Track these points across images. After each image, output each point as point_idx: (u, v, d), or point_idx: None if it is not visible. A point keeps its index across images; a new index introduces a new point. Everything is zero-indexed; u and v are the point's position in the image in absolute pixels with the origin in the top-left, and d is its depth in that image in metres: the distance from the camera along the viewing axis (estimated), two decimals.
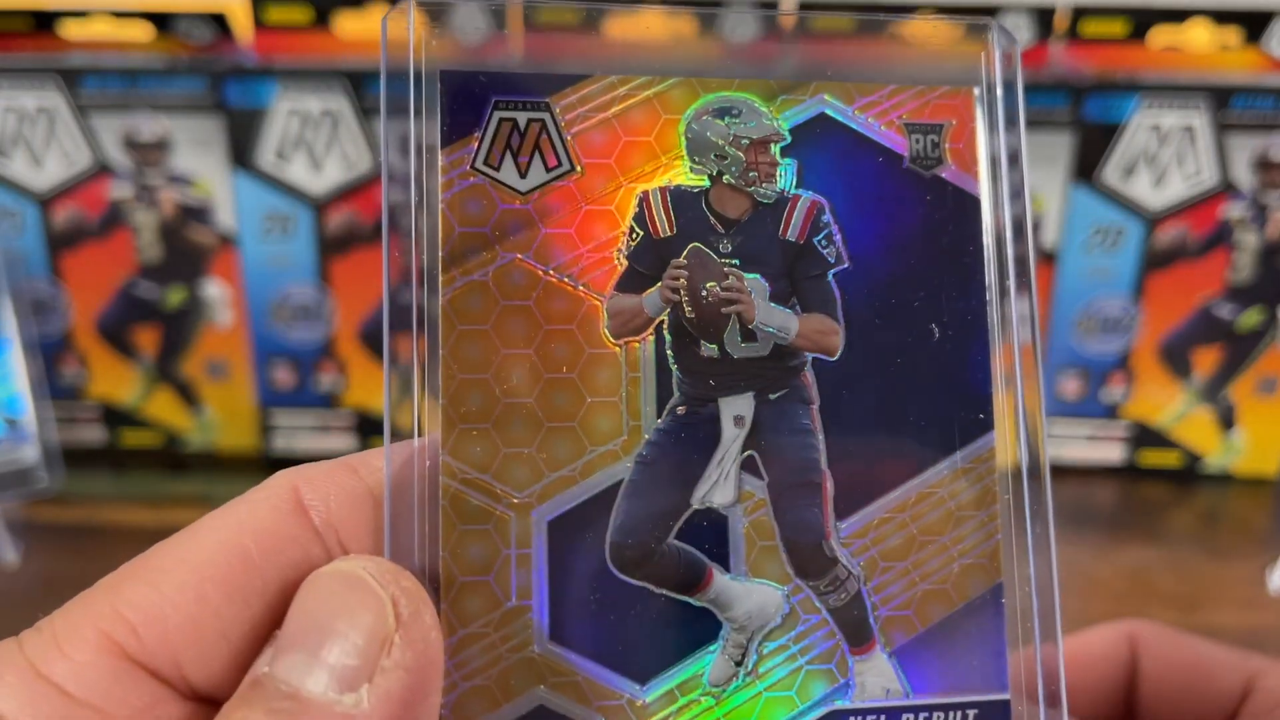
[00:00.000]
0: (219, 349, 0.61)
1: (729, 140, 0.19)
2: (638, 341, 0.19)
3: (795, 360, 0.18)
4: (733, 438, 0.18)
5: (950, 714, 0.19)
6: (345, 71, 0.55)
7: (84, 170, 0.58)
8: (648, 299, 0.18)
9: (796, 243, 0.18)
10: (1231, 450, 0.62)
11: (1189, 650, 0.27)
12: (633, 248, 0.19)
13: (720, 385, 0.18)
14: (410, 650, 0.17)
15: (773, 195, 0.19)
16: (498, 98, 0.21)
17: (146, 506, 0.59)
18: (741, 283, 0.18)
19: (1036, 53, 0.57)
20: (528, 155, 0.20)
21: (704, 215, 0.19)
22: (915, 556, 0.20)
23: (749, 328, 0.18)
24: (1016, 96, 0.20)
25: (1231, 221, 0.57)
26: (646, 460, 0.19)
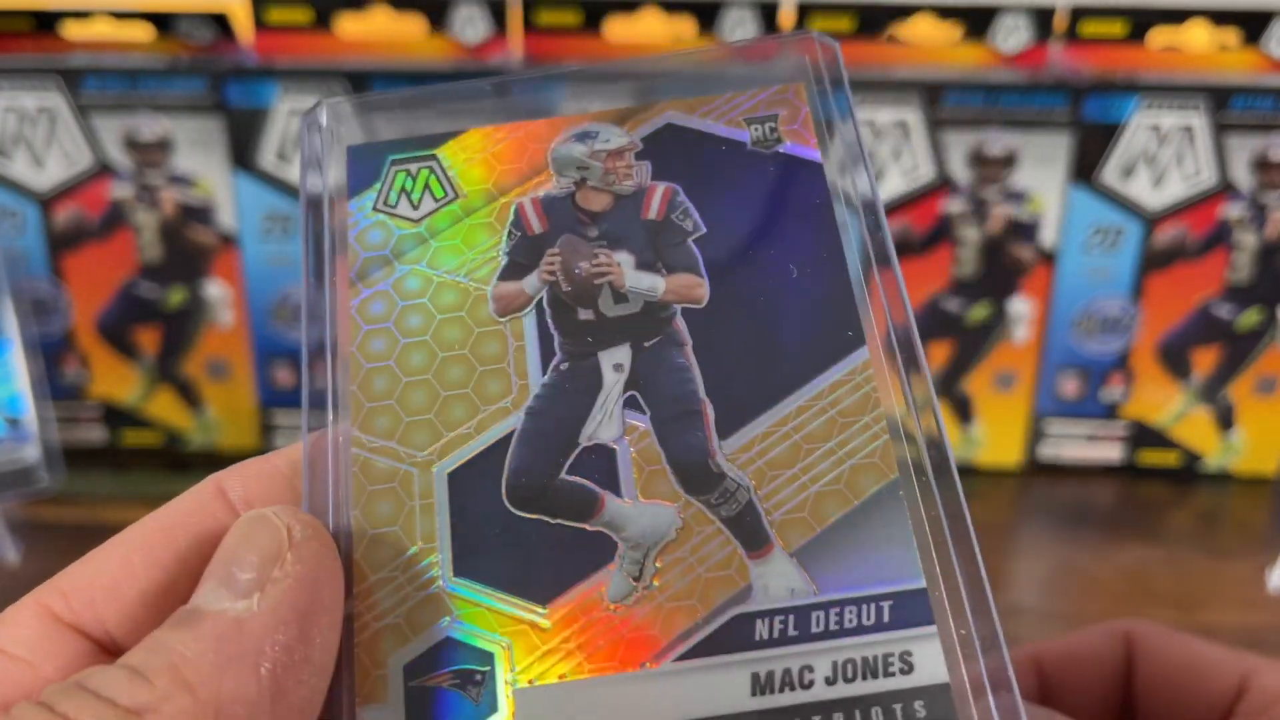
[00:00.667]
0: (220, 349, 0.61)
1: (589, 154, 0.22)
2: (520, 317, 0.22)
3: (665, 312, 0.21)
4: (614, 382, 0.21)
5: (864, 608, 0.20)
6: (346, 72, 0.55)
7: (85, 170, 0.58)
8: (526, 281, 0.21)
9: (656, 220, 0.21)
10: (1230, 450, 0.62)
11: (1184, 649, 0.27)
12: (511, 245, 0.22)
13: (598, 341, 0.21)
14: (300, 564, 0.19)
15: (631, 189, 0.22)
16: (392, 156, 0.25)
17: (147, 506, 0.59)
18: (609, 257, 0.21)
19: (1035, 53, 0.57)
20: (419, 193, 0.24)
21: (571, 212, 0.22)
22: (803, 463, 0.21)
23: (620, 292, 0.21)
24: (843, 87, 0.23)
25: (1230, 222, 0.57)
26: (535, 410, 0.21)
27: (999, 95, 0.55)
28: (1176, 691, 0.26)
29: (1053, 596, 0.53)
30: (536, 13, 0.57)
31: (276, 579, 0.19)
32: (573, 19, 0.57)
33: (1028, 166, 0.57)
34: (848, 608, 0.20)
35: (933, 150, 0.56)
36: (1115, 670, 0.27)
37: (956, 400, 0.61)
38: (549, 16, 0.57)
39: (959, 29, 0.57)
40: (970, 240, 0.58)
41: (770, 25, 0.57)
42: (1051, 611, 0.52)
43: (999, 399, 0.61)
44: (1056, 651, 0.28)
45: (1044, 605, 0.53)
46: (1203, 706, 0.26)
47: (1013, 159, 0.57)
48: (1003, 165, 0.57)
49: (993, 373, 0.61)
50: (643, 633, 0.20)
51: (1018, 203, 0.57)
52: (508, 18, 0.57)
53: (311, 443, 0.22)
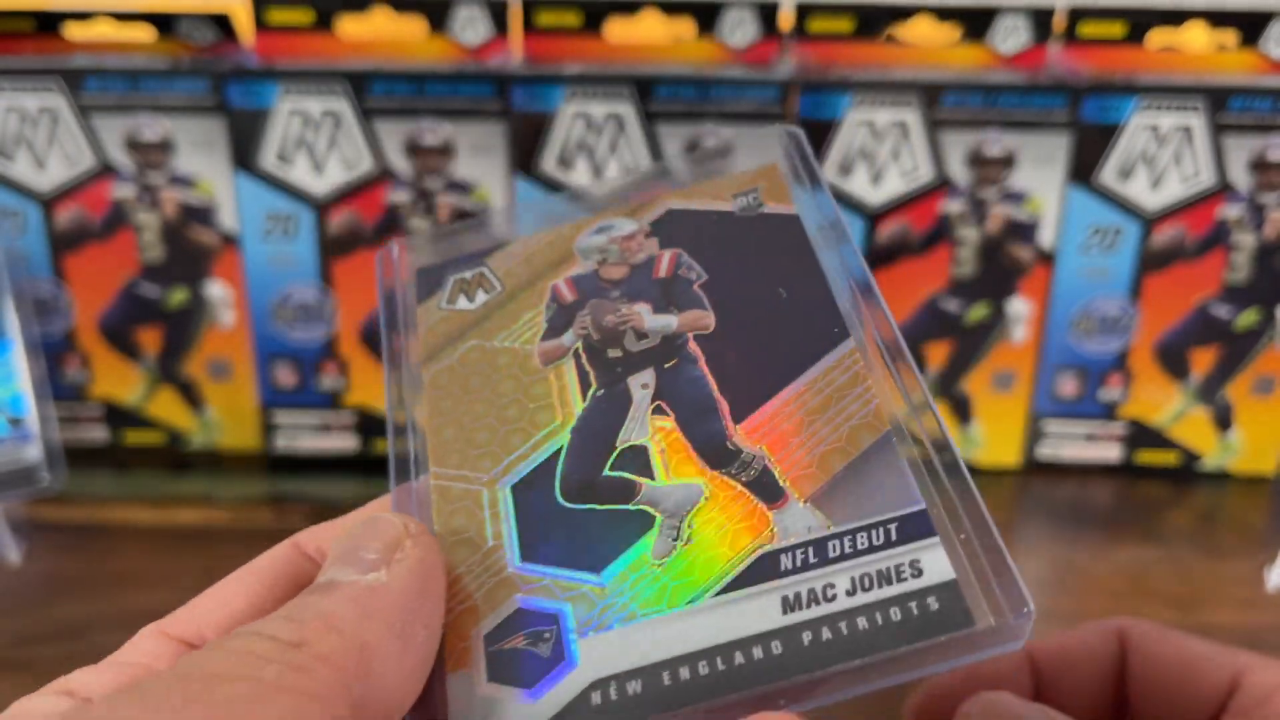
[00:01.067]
0: (221, 349, 0.61)
1: (607, 241, 0.27)
2: (561, 364, 0.27)
3: (680, 340, 0.26)
4: (642, 397, 0.25)
5: (874, 532, 0.23)
6: (347, 73, 0.55)
7: (86, 171, 0.58)
8: (564, 337, 0.26)
9: (666, 277, 0.26)
10: (1229, 450, 0.62)
11: (1177, 646, 0.27)
12: (550, 314, 0.27)
13: (626, 370, 0.26)
14: (417, 549, 0.23)
15: (643, 259, 0.27)
16: (451, 271, 0.31)
17: (149, 505, 0.59)
18: (630, 307, 0.26)
19: (1034, 54, 0.57)
20: (473, 291, 0.30)
21: (597, 282, 0.27)
22: (808, 430, 0.25)
23: (641, 332, 0.26)
24: (811, 165, 0.28)
25: (1229, 222, 0.58)
26: (579, 429, 0.26)
27: (998, 96, 0.56)
28: (1170, 688, 0.27)
29: (1051, 596, 0.54)
30: (537, 14, 0.57)
31: (399, 559, 0.23)
32: (573, 20, 0.57)
33: (1026, 167, 0.57)
34: (859, 534, 0.23)
35: (931, 151, 0.57)
36: (1109, 668, 0.28)
37: (955, 400, 0.61)
38: (549, 18, 0.57)
39: (958, 30, 0.58)
40: (969, 240, 0.58)
41: (770, 26, 0.58)
42: (1050, 611, 0.52)
43: (998, 399, 0.61)
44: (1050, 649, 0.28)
45: (1043, 604, 0.53)
46: (1196, 703, 0.26)
47: (1011, 160, 0.57)
48: (1001, 166, 0.57)
49: (991, 373, 0.61)
50: (683, 579, 0.24)
51: (1016, 203, 0.57)
52: (508, 19, 0.57)
53: (396, 491, 0.27)
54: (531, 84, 0.56)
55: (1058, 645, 0.28)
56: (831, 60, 0.58)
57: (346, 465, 0.63)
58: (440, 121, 0.56)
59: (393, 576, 0.22)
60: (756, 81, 0.55)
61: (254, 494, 0.61)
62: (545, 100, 0.56)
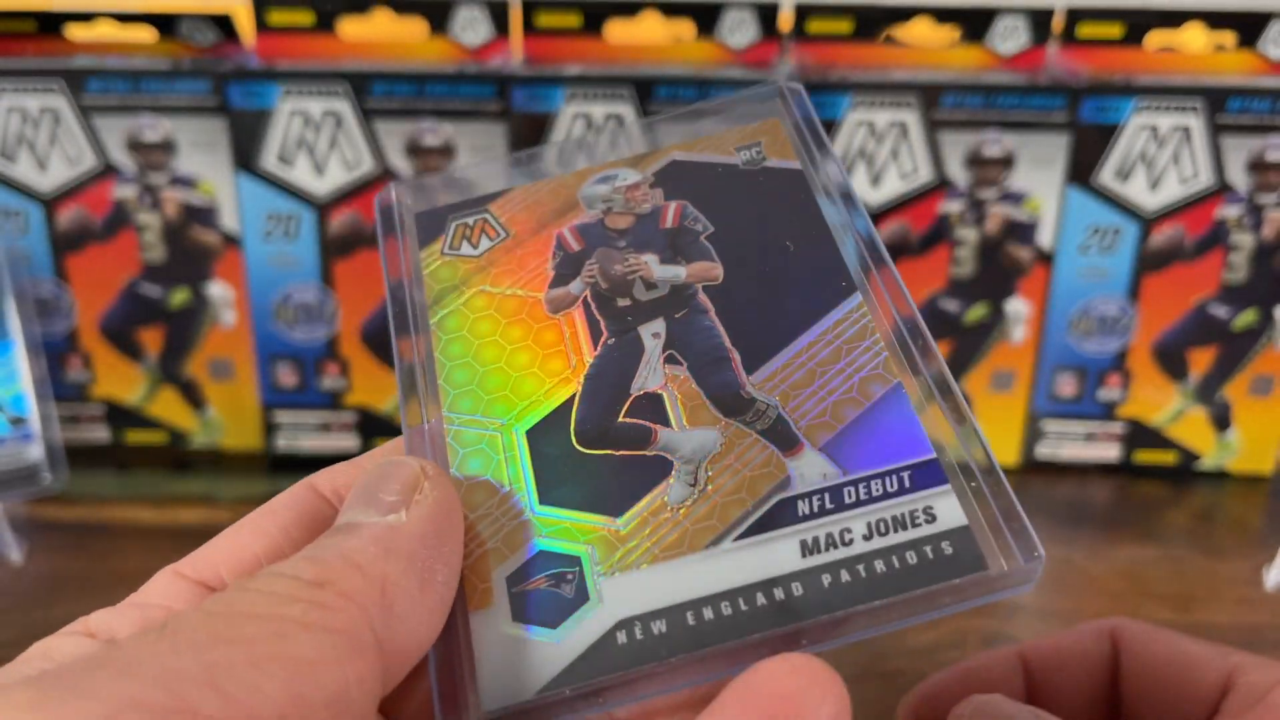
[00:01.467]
0: (222, 349, 0.61)
1: (611, 191, 0.27)
2: (570, 311, 0.27)
3: (689, 291, 0.26)
4: (653, 345, 0.26)
5: (887, 479, 0.24)
6: (348, 74, 0.56)
7: (88, 171, 0.58)
8: (572, 285, 0.26)
9: (673, 228, 0.26)
10: (1227, 449, 0.62)
11: (1170, 646, 0.27)
12: (556, 262, 0.27)
13: (636, 319, 0.26)
14: (436, 490, 0.23)
15: (649, 209, 0.27)
16: (453, 216, 0.31)
17: (150, 505, 0.59)
18: (638, 257, 0.26)
19: (1033, 55, 0.57)
20: (476, 237, 0.30)
21: (602, 232, 0.27)
22: (819, 381, 0.26)
23: (650, 282, 0.26)
24: (812, 117, 0.29)
25: (1227, 222, 0.58)
26: (592, 375, 0.26)
27: (997, 97, 0.56)
28: (1163, 689, 0.27)
29: (1050, 595, 0.54)
30: (537, 15, 0.57)
31: (418, 500, 0.23)
32: (573, 21, 0.57)
33: (1025, 168, 0.57)
34: (873, 481, 0.24)
35: (930, 151, 0.57)
36: (1102, 668, 0.28)
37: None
38: (549, 19, 0.57)
39: (957, 31, 0.58)
40: (968, 241, 0.58)
41: (769, 27, 0.58)
42: (1049, 610, 0.52)
43: (996, 399, 0.62)
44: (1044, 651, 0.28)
45: (1041, 604, 0.53)
46: (1189, 703, 0.26)
47: (1010, 160, 0.57)
48: (1000, 166, 0.57)
49: (990, 373, 0.61)
50: (703, 524, 0.24)
51: (1015, 204, 0.58)
52: (508, 20, 0.57)
53: (409, 433, 0.27)
54: (532, 85, 0.56)
55: (1051, 646, 0.28)
56: (831, 61, 0.58)
57: None
58: (441, 122, 0.56)
59: (412, 517, 0.23)
60: (756, 82, 0.55)
61: (255, 494, 0.61)
62: (546, 101, 0.56)
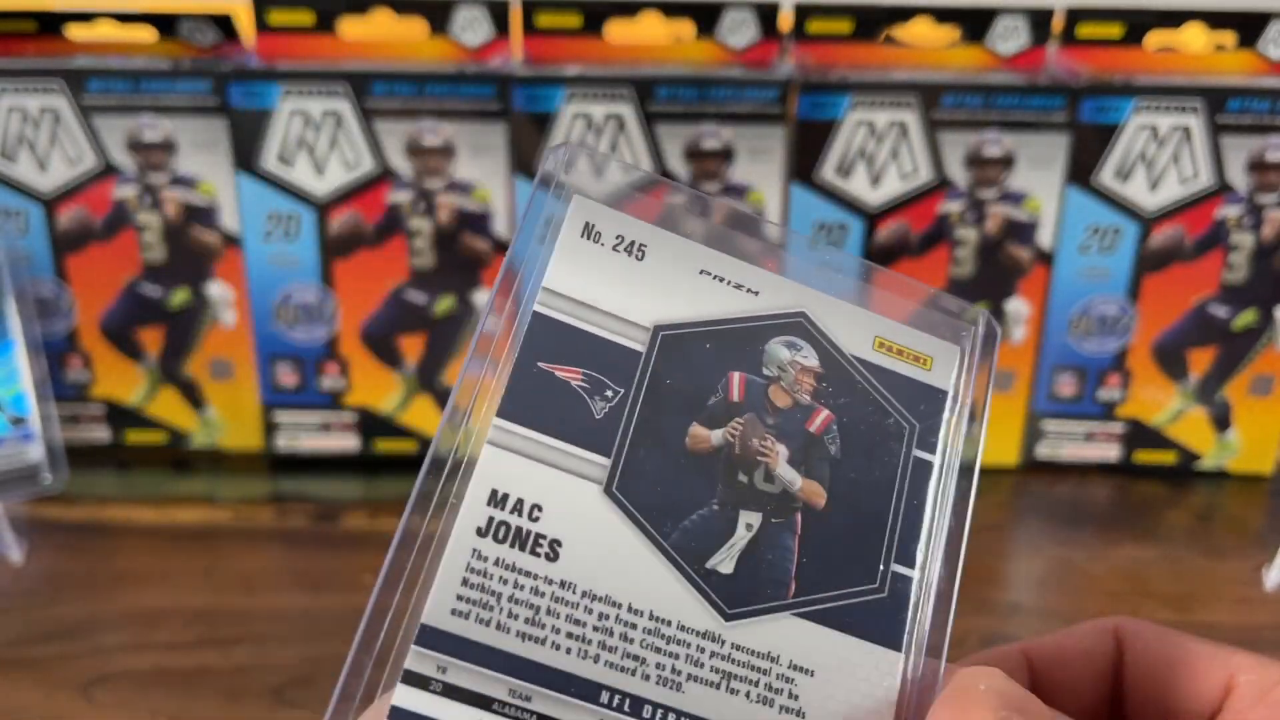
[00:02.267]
0: (223, 349, 0.61)
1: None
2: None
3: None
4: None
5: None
6: (348, 74, 0.56)
7: (88, 171, 0.58)
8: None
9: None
10: (1226, 449, 0.62)
11: (1172, 644, 0.27)
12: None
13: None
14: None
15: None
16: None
17: (151, 505, 0.59)
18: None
19: (1033, 55, 0.57)
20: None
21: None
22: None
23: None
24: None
25: (1227, 222, 0.58)
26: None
27: (996, 97, 0.56)
28: (1165, 687, 0.27)
29: (1049, 595, 0.54)
30: (537, 15, 0.57)
31: None
32: (573, 21, 0.57)
33: (1025, 168, 0.57)
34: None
35: (930, 151, 0.57)
36: (1104, 667, 0.28)
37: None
38: (549, 19, 0.57)
39: (956, 31, 0.58)
40: (968, 241, 0.58)
41: (769, 27, 0.58)
42: (1048, 610, 0.53)
43: (996, 399, 0.62)
44: (1046, 648, 0.28)
45: (1040, 603, 0.53)
46: (1192, 702, 0.26)
47: (1010, 160, 0.57)
48: (1000, 166, 0.57)
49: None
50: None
51: (1015, 204, 0.58)
52: (509, 20, 0.57)
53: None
54: (532, 85, 0.56)
55: (1052, 644, 0.28)
56: (831, 61, 0.58)
57: (347, 465, 0.63)
58: (441, 122, 0.56)
59: None
60: (756, 82, 0.56)
61: (255, 494, 0.61)
62: (546, 101, 0.56)
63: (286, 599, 0.52)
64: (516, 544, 0.23)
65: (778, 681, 0.24)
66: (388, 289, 0.60)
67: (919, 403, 0.27)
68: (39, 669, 0.47)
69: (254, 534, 0.57)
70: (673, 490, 0.25)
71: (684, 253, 0.27)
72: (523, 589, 0.23)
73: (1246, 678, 0.26)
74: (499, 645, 0.23)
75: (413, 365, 0.61)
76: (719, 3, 0.57)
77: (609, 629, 0.23)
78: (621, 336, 0.26)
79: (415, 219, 0.58)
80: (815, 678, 0.24)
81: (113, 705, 0.45)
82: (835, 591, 0.25)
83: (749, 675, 0.24)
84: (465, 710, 0.22)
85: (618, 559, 0.24)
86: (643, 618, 0.24)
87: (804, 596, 0.25)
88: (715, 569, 0.25)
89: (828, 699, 0.24)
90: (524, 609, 0.23)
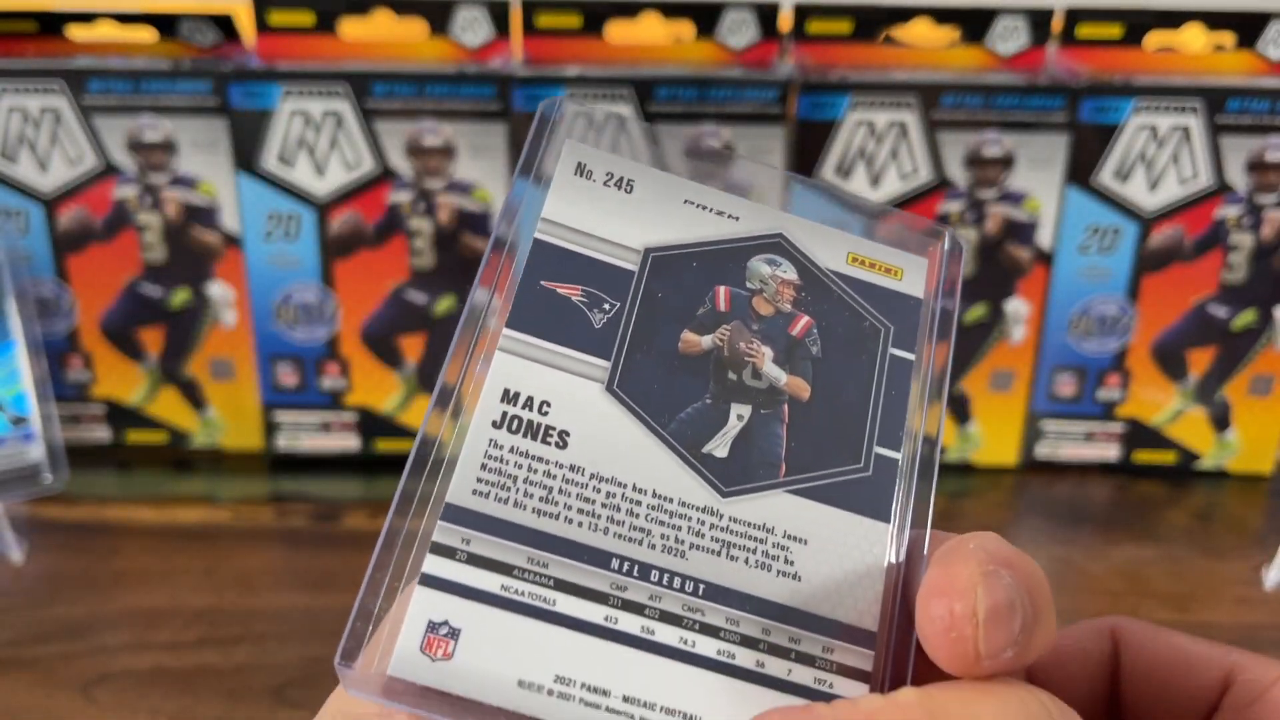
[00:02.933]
0: (223, 349, 0.61)
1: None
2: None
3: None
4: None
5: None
6: (348, 74, 0.56)
7: (89, 172, 0.58)
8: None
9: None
10: (1226, 449, 0.62)
11: (1169, 643, 0.27)
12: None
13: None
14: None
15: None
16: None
17: (151, 505, 0.60)
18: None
19: (1032, 55, 0.57)
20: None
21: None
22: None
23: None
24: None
25: (1227, 222, 0.58)
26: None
27: (996, 97, 0.56)
28: (1163, 687, 0.27)
29: None
30: (537, 15, 0.57)
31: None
32: (573, 21, 0.57)
33: (1025, 168, 0.57)
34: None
35: (930, 152, 0.57)
36: (1101, 666, 0.28)
37: (954, 400, 0.62)
38: (549, 19, 0.57)
39: (956, 31, 0.58)
40: (967, 241, 0.58)
41: (769, 27, 0.58)
42: None
43: (996, 398, 0.62)
44: None
45: None
46: (1189, 701, 0.26)
47: (1010, 160, 0.57)
48: (1000, 166, 0.57)
49: (990, 372, 0.61)
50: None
51: (1015, 204, 0.58)
52: (509, 21, 0.58)
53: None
54: (532, 85, 0.56)
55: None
56: (830, 61, 0.58)
57: (348, 465, 0.63)
58: (441, 122, 0.57)
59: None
60: (756, 82, 0.56)
61: (255, 493, 0.61)
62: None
63: (287, 599, 0.52)
64: (529, 434, 0.25)
65: (774, 549, 0.26)
66: (388, 289, 0.60)
67: (893, 308, 0.30)
68: (39, 669, 0.47)
69: (254, 534, 0.57)
70: (668, 387, 0.27)
71: (668, 185, 0.30)
72: (536, 472, 0.25)
73: (1244, 677, 0.26)
74: (517, 520, 0.25)
75: (413, 365, 0.61)
76: (719, 3, 0.57)
77: (616, 505, 0.25)
78: (615, 258, 0.28)
79: (415, 219, 0.58)
80: (809, 546, 0.26)
81: (113, 705, 0.45)
82: (823, 471, 0.27)
83: (747, 544, 0.26)
84: (489, 575, 0.24)
85: (621, 446, 0.26)
86: (646, 495, 0.26)
87: (794, 476, 0.27)
88: (711, 453, 0.27)
89: (821, 564, 0.26)
90: (538, 489, 0.25)
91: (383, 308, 0.60)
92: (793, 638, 0.25)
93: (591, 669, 0.24)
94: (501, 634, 0.23)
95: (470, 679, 0.23)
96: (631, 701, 0.24)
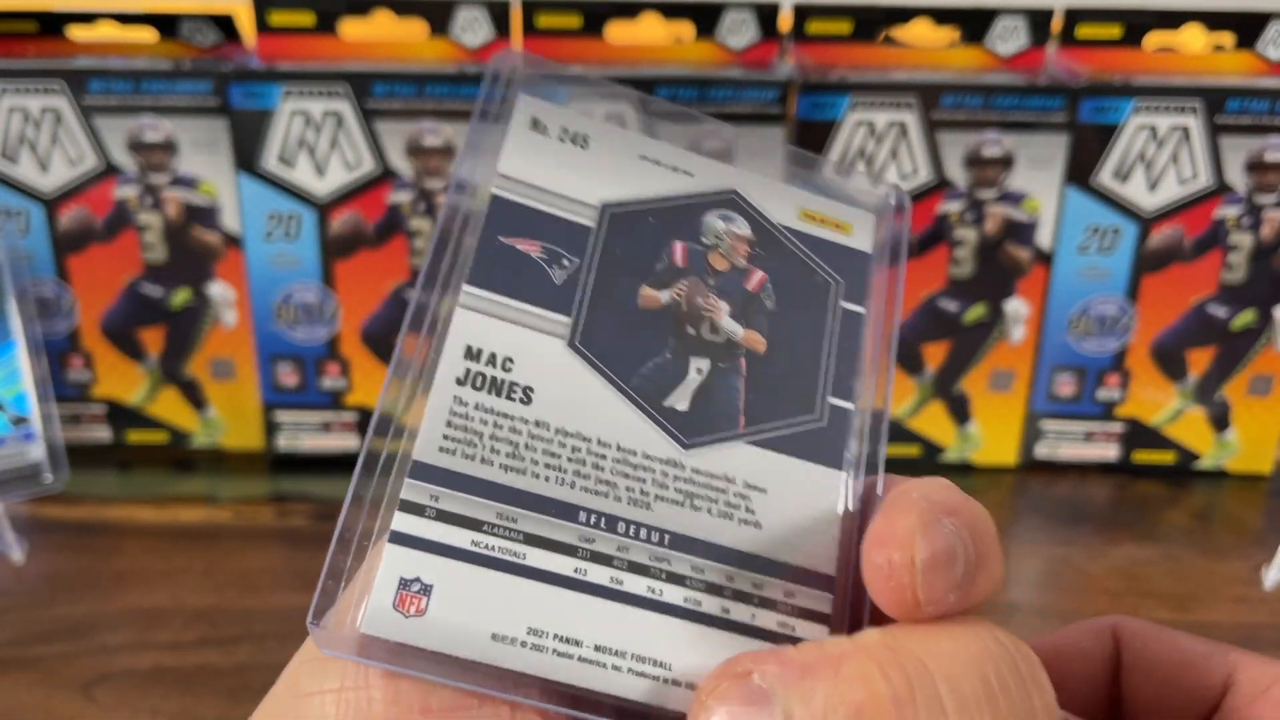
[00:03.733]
0: (223, 349, 0.62)
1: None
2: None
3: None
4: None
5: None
6: (348, 74, 0.56)
7: (89, 172, 0.58)
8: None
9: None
10: (1225, 449, 0.62)
11: (1170, 643, 0.27)
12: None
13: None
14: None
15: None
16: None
17: (151, 505, 0.60)
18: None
19: (1032, 56, 0.58)
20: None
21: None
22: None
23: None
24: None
25: (1226, 222, 0.58)
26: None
27: (996, 97, 0.56)
28: (1163, 686, 0.27)
29: (1048, 594, 0.54)
30: (537, 16, 0.57)
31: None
32: (573, 22, 0.57)
33: (1024, 168, 0.57)
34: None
35: (930, 152, 0.57)
36: (1102, 666, 0.28)
37: (953, 399, 0.62)
38: (549, 20, 0.57)
39: (956, 32, 0.58)
40: (967, 241, 0.58)
41: (769, 28, 0.58)
42: (1047, 609, 0.53)
43: (996, 398, 0.62)
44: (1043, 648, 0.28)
45: (1040, 603, 0.53)
46: (1189, 700, 0.26)
47: (1009, 160, 0.57)
48: (1000, 167, 0.57)
49: (989, 372, 0.61)
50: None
51: (1014, 204, 0.58)
52: (509, 21, 0.58)
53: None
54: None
55: (1050, 644, 0.29)
56: (830, 62, 0.58)
57: (348, 464, 0.63)
58: (441, 123, 0.57)
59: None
60: (756, 83, 0.56)
61: (256, 493, 0.61)
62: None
63: (287, 598, 0.52)
64: (493, 391, 0.26)
65: (735, 499, 0.26)
66: (388, 289, 0.60)
67: (843, 263, 0.31)
68: (39, 669, 0.47)
69: (255, 533, 0.57)
70: (629, 342, 0.27)
71: (623, 141, 0.31)
72: (501, 428, 0.25)
73: (1244, 676, 0.26)
74: (484, 476, 0.25)
75: None
76: (719, 3, 0.57)
77: (581, 459, 0.26)
78: (573, 214, 0.29)
79: (416, 219, 0.58)
80: (768, 494, 0.27)
81: (113, 705, 0.45)
82: (780, 421, 0.28)
83: (709, 495, 0.26)
84: (458, 531, 0.24)
85: (584, 401, 0.26)
86: (611, 449, 0.26)
87: (753, 427, 0.27)
88: (672, 406, 0.27)
89: (780, 512, 0.26)
90: (504, 445, 0.25)
91: (383, 308, 0.60)
92: (755, 583, 0.25)
93: (563, 620, 0.24)
94: (473, 589, 0.24)
95: (444, 634, 0.23)
96: (603, 650, 0.24)
